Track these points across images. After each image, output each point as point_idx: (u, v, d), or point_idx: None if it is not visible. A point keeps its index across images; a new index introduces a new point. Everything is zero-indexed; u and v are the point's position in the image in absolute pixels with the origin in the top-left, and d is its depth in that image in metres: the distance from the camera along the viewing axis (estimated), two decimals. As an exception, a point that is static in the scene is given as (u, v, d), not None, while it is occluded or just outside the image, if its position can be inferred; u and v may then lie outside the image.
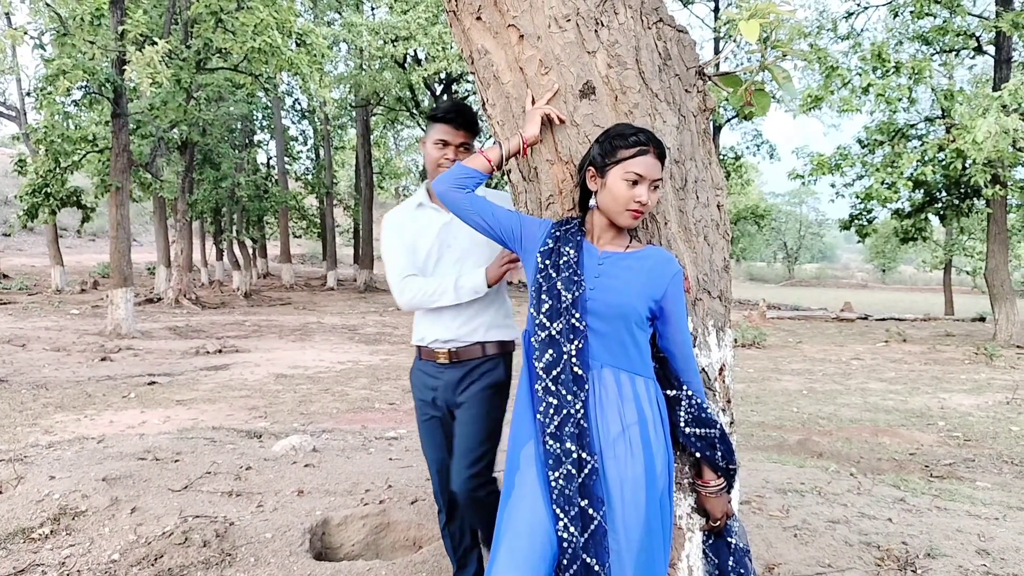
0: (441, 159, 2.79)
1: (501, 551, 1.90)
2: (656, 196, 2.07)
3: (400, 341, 15.80)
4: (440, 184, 2.31)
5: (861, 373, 12.77)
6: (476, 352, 2.90)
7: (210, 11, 16.70)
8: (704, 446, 2.11)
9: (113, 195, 15.74)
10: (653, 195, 2.05)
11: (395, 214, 2.97)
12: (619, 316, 2.00)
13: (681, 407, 2.09)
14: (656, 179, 2.04)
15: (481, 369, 2.91)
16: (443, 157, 2.79)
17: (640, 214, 2.05)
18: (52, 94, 14.81)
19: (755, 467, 5.66)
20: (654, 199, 2.05)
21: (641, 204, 2.03)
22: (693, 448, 2.12)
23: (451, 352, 2.89)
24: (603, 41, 2.29)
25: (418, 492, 4.45)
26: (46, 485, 4.22)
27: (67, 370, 11.07)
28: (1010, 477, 6.28)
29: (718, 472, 2.16)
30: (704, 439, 2.10)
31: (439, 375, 2.91)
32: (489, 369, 2.93)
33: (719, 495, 2.18)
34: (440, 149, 2.80)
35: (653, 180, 2.04)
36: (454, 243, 2.89)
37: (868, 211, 20.83)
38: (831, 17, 21.50)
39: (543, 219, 2.30)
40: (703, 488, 2.18)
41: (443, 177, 2.31)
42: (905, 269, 66.88)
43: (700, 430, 2.09)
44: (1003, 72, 17.36)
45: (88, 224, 22.36)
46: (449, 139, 2.81)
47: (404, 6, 25.20)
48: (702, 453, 2.12)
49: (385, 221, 2.97)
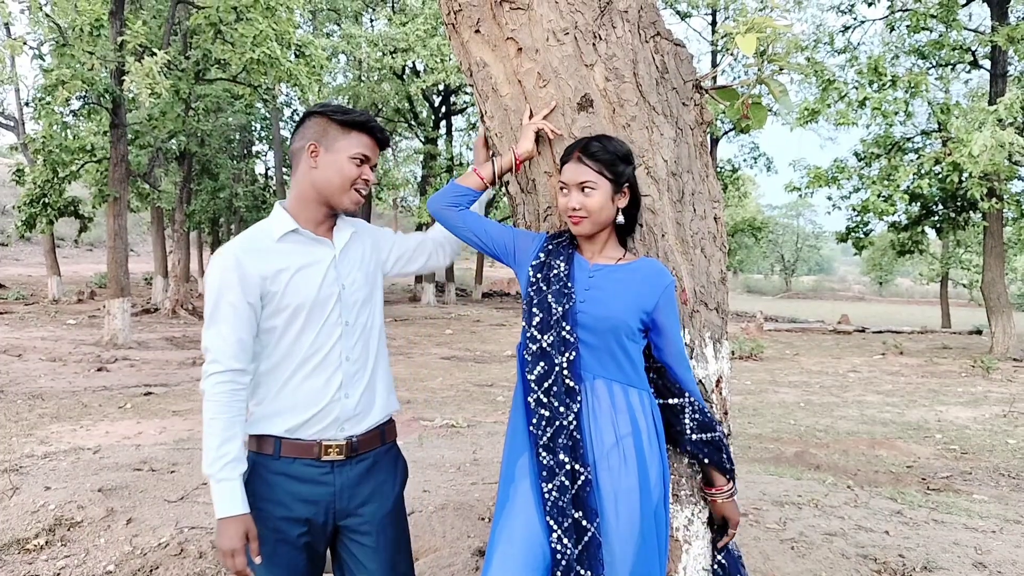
0: (359, 179, 2.11)
1: (495, 562, 1.90)
2: (595, 198, 2.02)
3: (397, 352, 15.79)
4: (433, 204, 2.32)
5: (858, 385, 12.77)
6: (376, 439, 2.18)
7: (209, 22, 16.75)
8: (712, 450, 2.13)
9: (111, 205, 15.75)
10: (588, 198, 2.02)
11: (240, 249, 2.02)
12: (609, 329, 2.00)
13: (686, 414, 2.09)
14: (582, 182, 2.02)
15: (386, 461, 2.23)
16: (361, 177, 2.11)
17: (581, 219, 2.04)
18: (51, 104, 14.83)
19: (752, 479, 5.66)
20: (592, 201, 2.02)
21: (572, 210, 2.04)
22: (702, 454, 2.13)
23: (350, 443, 2.10)
24: (601, 54, 2.30)
25: (414, 504, 4.43)
26: (41, 496, 4.21)
27: (63, 380, 11.04)
28: (1007, 490, 6.28)
29: (727, 476, 2.17)
30: (712, 443, 2.12)
31: (324, 480, 2.07)
32: (395, 460, 2.27)
33: (732, 499, 2.20)
34: (359, 166, 2.10)
35: (579, 183, 2.03)
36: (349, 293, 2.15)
37: (865, 224, 20.85)
38: (828, 31, 21.59)
39: (537, 233, 2.31)
40: (717, 495, 2.19)
41: (436, 197, 2.32)
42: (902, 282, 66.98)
43: (707, 435, 2.11)
44: (999, 86, 17.45)
45: (86, 234, 22.39)
46: (370, 155, 2.13)
47: (403, 18, 25.33)
48: (711, 458, 2.14)
49: (212, 263, 2.03)
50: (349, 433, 2.09)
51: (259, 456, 2.04)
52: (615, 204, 2.07)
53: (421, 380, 11.94)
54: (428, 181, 30.20)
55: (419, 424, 8.19)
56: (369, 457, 2.14)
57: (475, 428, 7.97)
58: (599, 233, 2.11)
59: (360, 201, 2.15)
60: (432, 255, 2.46)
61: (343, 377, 2.09)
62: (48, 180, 16.88)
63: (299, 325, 2.04)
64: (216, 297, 1.97)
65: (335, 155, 2.08)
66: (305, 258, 2.08)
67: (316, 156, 2.08)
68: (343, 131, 2.09)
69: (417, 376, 12.41)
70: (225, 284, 1.97)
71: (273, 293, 2.01)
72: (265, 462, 2.03)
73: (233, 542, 1.90)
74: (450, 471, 5.49)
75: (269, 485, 2.02)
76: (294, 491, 2.02)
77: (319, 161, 2.08)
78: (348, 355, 2.11)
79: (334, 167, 2.08)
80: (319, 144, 2.08)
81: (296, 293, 2.04)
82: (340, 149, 2.08)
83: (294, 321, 2.04)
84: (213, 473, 1.90)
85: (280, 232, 2.07)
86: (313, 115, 2.12)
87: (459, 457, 6.06)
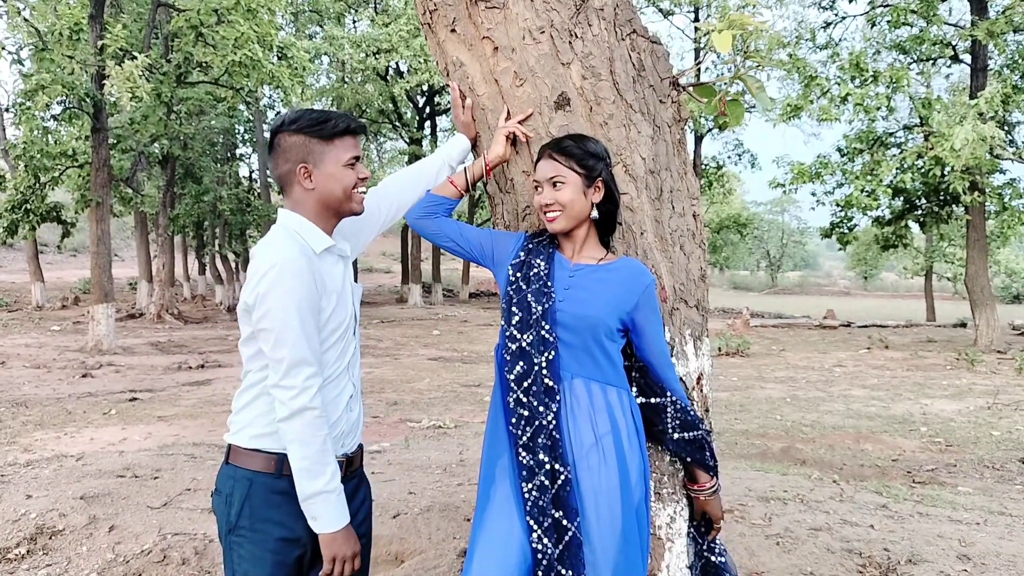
0: (358, 181, 2.05)
1: (475, 562, 1.89)
2: (565, 192, 2.04)
3: (384, 354, 15.75)
4: (411, 214, 2.36)
5: (844, 380, 12.83)
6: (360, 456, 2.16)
7: (190, 25, 16.66)
8: (694, 449, 2.13)
9: (93, 210, 15.64)
10: (559, 192, 2.04)
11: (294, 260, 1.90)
12: (587, 328, 2.00)
13: (667, 413, 2.10)
14: (552, 176, 2.05)
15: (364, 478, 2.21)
16: (359, 178, 2.05)
17: (555, 215, 2.05)
18: (31, 109, 14.72)
19: (738, 475, 5.67)
20: (563, 195, 2.04)
21: (545, 206, 2.06)
22: (684, 453, 2.14)
23: (348, 458, 2.07)
24: (577, 53, 2.29)
25: (400, 506, 4.42)
26: (23, 504, 4.17)
27: (47, 387, 10.95)
28: (991, 481, 6.32)
29: (710, 472, 2.18)
30: (693, 442, 2.12)
31: None
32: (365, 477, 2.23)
33: (716, 495, 2.21)
34: (353, 169, 2.03)
35: (550, 179, 2.05)
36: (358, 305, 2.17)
37: (849, 219, 20.96)
38: (809, 27, 21.68)
39: (516, 232, 2.30)
40: (700, 492, 2.21)
41: (414, 209, 2.35)
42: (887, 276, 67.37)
43: (688, 434, 2.11)
44: (979, 80, 17.56)
45: (68, 240, 22.22)
46: (358, 153, 2.07)
47: (386, 19, 25.30)
48: (692, 456, 2.15)
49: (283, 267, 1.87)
50: (346, 450, 2.05)
51: (258, 475, 1.94)
52: (588, 199, 2.06)
53: (408, 382, 11.91)
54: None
55: (406, 426, 8.17)
56: (357, 474, 2.13)
57: (462, 429, 7.96)
58: (576, 231, 2.10)
59: (364, 198, 2.10)
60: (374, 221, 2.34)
61: (353, 391, 2.08)
62: (30, 186, 16.76)
63: (331, 343, 1.98)
64: (296, 304, 1.85)
65: (328, 168, 2.00)
66: (341, 276, 2.04)
67: (310, 177, 2.00)
68: (326, 143, 2.00)
69: (404, 378, 12.38)
70: (300, 292, 1.86)
71: (323, 310, 1.94)
72: (266, 480, 1.93)
73: (355, 545, 1.92)
74: (436, 472, 5.48)
75: (270, 505, 1.94)
76: (295, 510, 1.91)
77: (315, 180, 2.00)
78: (355, 368, 2.10)
79: (332, 180, 2.01)
80: (308, 163, 1.99)
81: (341, 313, 2.00)
82: (330, 161, 2.00)
83: (328, 339, 1.97)
84: (335, 488, 1.88)
85: (321, 246, 1.99)
86: (286, 134, 2.01)
87: (445, 458, 6.05)
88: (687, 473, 2.22)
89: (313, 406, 1.85)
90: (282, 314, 1.83)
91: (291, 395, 1.83)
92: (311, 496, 1.86)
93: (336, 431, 1.99)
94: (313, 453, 1.85)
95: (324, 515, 1.87)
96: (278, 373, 1.85)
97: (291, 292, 1.84)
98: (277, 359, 1.84)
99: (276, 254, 1.87)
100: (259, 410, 1.97)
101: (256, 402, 1.98)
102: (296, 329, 1.84)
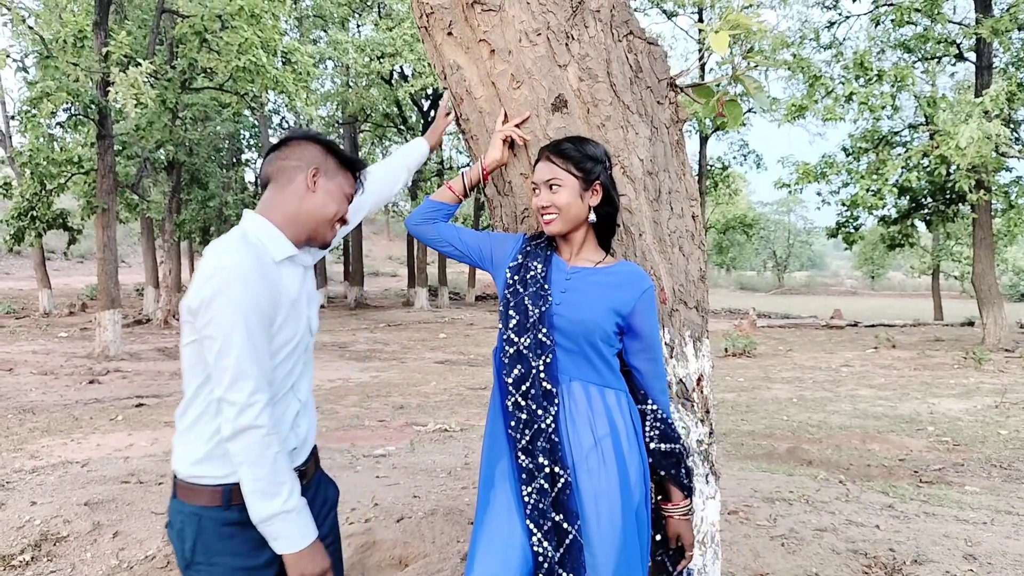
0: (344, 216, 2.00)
1: (476, 565, 1.89)
2: (562, 194, 2.02)
3: (391, 358, 15.76)
4: (410, 221, 2.36)
5: (851, 380, 12.79)
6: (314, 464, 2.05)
7: (194, 31, 16.71)
8: (670, 464, 2.05)
9: (99, 217, 15.68)
10: (555, 195, 2.03)
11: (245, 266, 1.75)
12: (583, 332, 1.98)
13: (647, 421, 2.06)
14: (549, 179, 2.03)
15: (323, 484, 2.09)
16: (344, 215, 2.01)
17: (551, 217, 2.04)
18: (36, 117, 14.77)
19: (744, 476, 5.66)
20: (559, 198, 2.02)
21: (543, 209, 2.05)
22: (659, 466, 2.05)
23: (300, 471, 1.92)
24: (574, 54, 2.29)
25: (404, 510, 4.42)
26: (27, 511, 4.18)
27: (54, 394, 10.98)
28: (999, 481, 6.29)
29: (684, 492, 2.08)
30: (670, 456, 2.05)
31: None
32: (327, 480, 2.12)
33: (688, 519, 2.10)
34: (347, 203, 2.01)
35: (547, 181, 2.04)
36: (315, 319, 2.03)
37: (855, 218, 20.93)
38: (813, 26, 21.65)
39: (515, 234, 2.29)
40: (673, 511, 2.08)
41: (412, 214, 2.36)
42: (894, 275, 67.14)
43: (665, 445, 2.05)
44: (984, 78, 17.51)
45: (75, 246, 22.27)
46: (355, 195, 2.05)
47: (389, 23, 25.32)
48: (667, 471, 2.06)
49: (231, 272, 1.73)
50: (296, 464, 1.89)
51: (206, 510, 1.79)
52: (585, 202, 2.04)
53: (415, 385, 11.92)
54: (418, 185, 30.19)
55: (412, 429, 8.17)
56: (313, 482, 2.00)
57: (468, 432, 7.95)
58: (574, 233, 2.08)
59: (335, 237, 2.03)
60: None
61: (299, 407, 1.92)
62: (36, 193, 16.82)
63: (281, 358, 1.84)
64: (244, 314, 1.71)
65: (334, 186, 1.95)
66: (298, 286, 1.90)
67: (317, 181, 1.92)
68: (340, 168, 1.97)
69: (411, 381, 12.39)
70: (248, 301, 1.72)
71: (275, 323, 1.80)
72: (215, 515, 1.79)
73: (325, 560, 1.81)
74: (441, 476, 5.47)
75: (224, 537, 1.80)
76: (254, 536, 1.78)
77: (319, 187, 1.92)
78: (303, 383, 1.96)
79: (332, 197, 1.94)
80: (321, 170, 1.93)
81: (292, 327, 1.85)
82: (338, 183, 1.96)
83: (279, 353, 1.83)
84: (293, 506, 1.75)
85: (282, 255, 1.87)
86: (306, 140, 1.96)
87: (451, 462, 6.04)
88: (661, 490, 2.11)
89: (259, 424, 1.71)
90: (228, 323, 1.70)
91: (235, 412, 1.70)
92: (268, 518, 1.74)
93: (290, 445, 1.87)
94: (265, 474, 1.72)
95: (285, 535, 1.77)
96: (221, 386, 1.72)
97: (239, 300, 1.70)
98: (221, 368, 1.71)
99: (226, 257, 1.74)
100: (202, 429, 1.82)
101: (200, 421, 1.82)
102: (242, 340, 1.70)
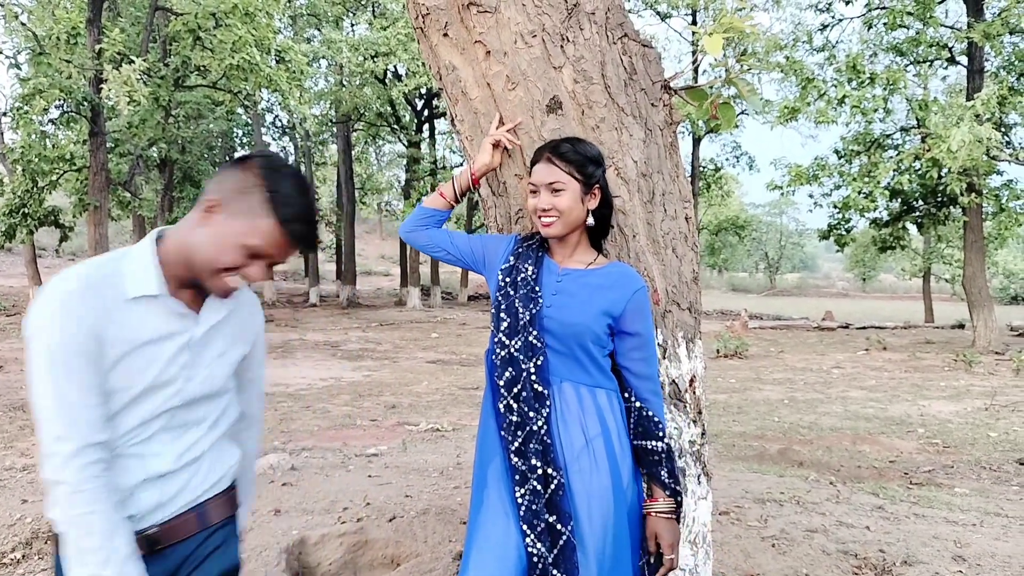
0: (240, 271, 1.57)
1: (471, 566, 1.89)
2: (564, 198, 2.00)
3: (383, 357, 15.75)
4: (403, 228, 2.36)
5: (842, 382, 12.83)
6: (192, 525, 1.67)
7: (188, 29, 16.70)
8: (651, 462, 2.03)
9: (91, 214, 15.66)
10: (557, 199, 2.00)
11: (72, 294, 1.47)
12: (573, 335, 1.98)
13: (630, 418, 2.05)
14: (551, 182, 2.01)
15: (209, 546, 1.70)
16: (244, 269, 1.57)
17: (551, 220, 2.02)
18: (28, 113, 14.76)
19: (735, 477, 5.68)
20: (561, 202, 2.00)
21: (542, 211, 2.02)
22: (640, 463, 2.04)
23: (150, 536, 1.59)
24: (569, 56, 2.30)
25: (396, 509, 4.42)
26: (18, 508, 4.17)
27: (45, 391, 10.93)
28: (988, 483, 6.33)
29: (666, 490, 2.03)
30: (651, 453, 2.03)
31: None
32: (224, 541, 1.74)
33: (669, 519, 2.02)
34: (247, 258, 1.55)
35: (549, 184, 2.01)
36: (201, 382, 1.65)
37: (846, 221, 21.01)
38: (806, 29, 21.71)
39: (508, 235, 2.29)
40: (651, 507, 2.02)
41: (406, 222, 2.36)
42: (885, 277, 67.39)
43: (645, 442, 2.03)
44: (976, 82, 17.61)
45: (67, 244, 22.20)
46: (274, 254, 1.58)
47: (383, 22, 25.29)
48: (648, 469, 2.03)
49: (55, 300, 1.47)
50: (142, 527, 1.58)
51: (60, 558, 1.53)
52: (585, 205, 2.03)
53: (407, 384, 11.91)
54: (412, 185, 30.14)
55: (404, 429, 8.17)
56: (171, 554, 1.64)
57: (460, 432, 7.95)
58: (570, 236, 2.08)
59: (234, 291, 1.61)
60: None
61: (144, 477, 1.58)
62: (27, 190, 16.78)
63: (122, 404, 1.54)
64: (49, 348, 1.44)
65: (232, 229, 1.53)
66: (156, 332, 1.56)
67: (213, 214, 1.55)
68: (263, 211, 1.53)
69: (403, 380, 12.38)
70: (58, 334, 1.44)
71: (105, 361, 1.50)
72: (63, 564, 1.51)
73: None
74: (433, 475, 5.48)
75: None
76: None
77: (212, 222, 1.54)
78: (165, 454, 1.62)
79: (222, 241, 1.53)
80: (223, 204, 1.54)
81: (136, 374, 1.54)
82: (240, 227, 1.53)
83: (120, 397, 1.53)
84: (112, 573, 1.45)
85: (137, 292, 1.53)
86: (250, 166, 1.58)
87: (443, 461, 6.05)
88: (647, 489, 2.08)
89: (63, 480, 1.44)
90: (36, 357, 1.45)
91: (43, 461, 1.46)
92: None
93: (127, 512, 1.55)
94: (76, 535, 1.45)
95: None
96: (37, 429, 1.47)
97: (51, 331, 1.44)
98: (34, 407, 1.48)
99: (62, 283, 1.49)
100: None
101: None
102: (44, 379, 1.45)
